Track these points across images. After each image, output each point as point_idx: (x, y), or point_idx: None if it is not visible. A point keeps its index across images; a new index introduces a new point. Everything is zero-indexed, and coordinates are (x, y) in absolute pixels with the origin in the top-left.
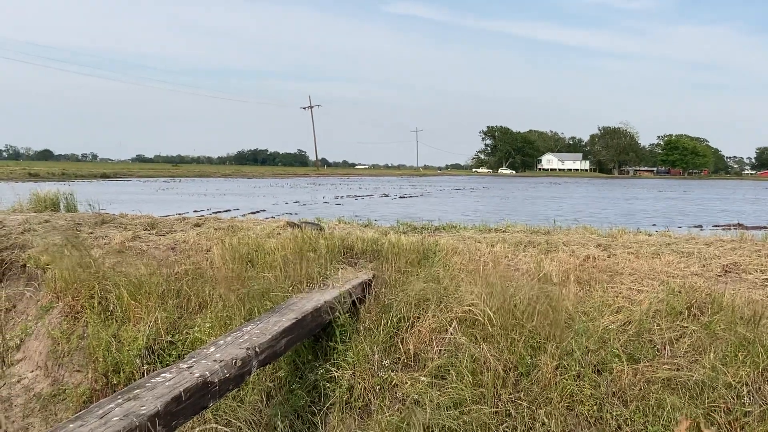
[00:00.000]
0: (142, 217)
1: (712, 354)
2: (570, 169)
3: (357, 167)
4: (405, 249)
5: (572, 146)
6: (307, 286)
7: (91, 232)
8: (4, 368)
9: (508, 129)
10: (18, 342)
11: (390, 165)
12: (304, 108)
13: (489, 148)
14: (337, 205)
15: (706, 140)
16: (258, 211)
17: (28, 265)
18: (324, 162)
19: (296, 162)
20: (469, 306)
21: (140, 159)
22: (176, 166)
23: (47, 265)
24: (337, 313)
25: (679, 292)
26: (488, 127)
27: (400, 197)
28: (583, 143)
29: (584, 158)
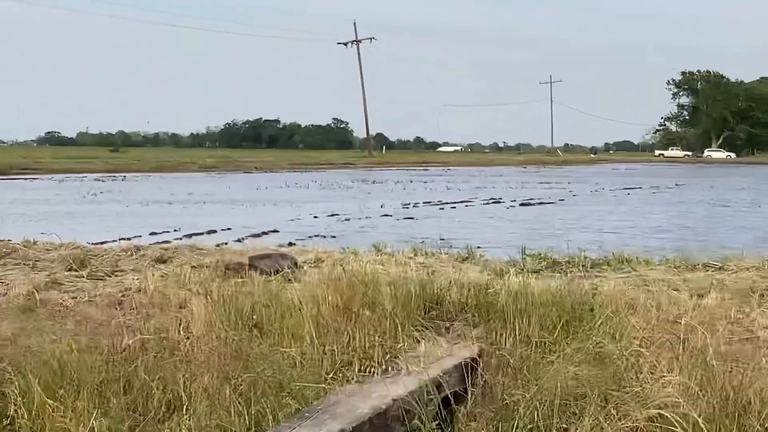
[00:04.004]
0: (64, 246)
1: None
2: None
3: (441, 150)
4: (539, 302)
5: None
6: (360, 369)
7: None
8: None
9: (722, 77)
10: None
11: (501, 145)
12: (345, 44)
13: (686, 113)
14: (407, 219)
15: None
16: (265, 233)
17: None
18: (380, 142)
19: (330, 142)
20: (660, 408)
21: (54, 140)
22: (117, 151)
23: None
24: (417, 420)
25: None
26: (684, 73)
27: (522, 204)
28: None
29: None
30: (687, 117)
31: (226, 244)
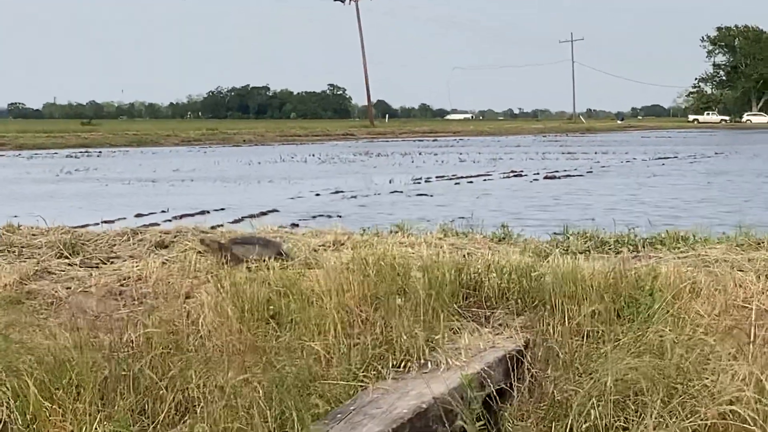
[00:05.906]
0: (52, 231)
1: None
2: None
3: (450, 118)
4: (590, 286)
5: None
6: (394, 364)
7: None
8: None
9: (763, 32)
10: None
11: (516, 112)
12: (342, 0)
13: (722, 73)
14: (420, 196)
15: None
16: (264, 213)
17: None
18: (382, 110)
19: (326, 110)
20: (732, 404)
21: (18, 112)
22: (89, 123)
23: None
24: (460, 420)
25: None
26: (720, 29)
27: (547, 177)
28: None
29: None
30: (723, 78)
31: (221, 226)
